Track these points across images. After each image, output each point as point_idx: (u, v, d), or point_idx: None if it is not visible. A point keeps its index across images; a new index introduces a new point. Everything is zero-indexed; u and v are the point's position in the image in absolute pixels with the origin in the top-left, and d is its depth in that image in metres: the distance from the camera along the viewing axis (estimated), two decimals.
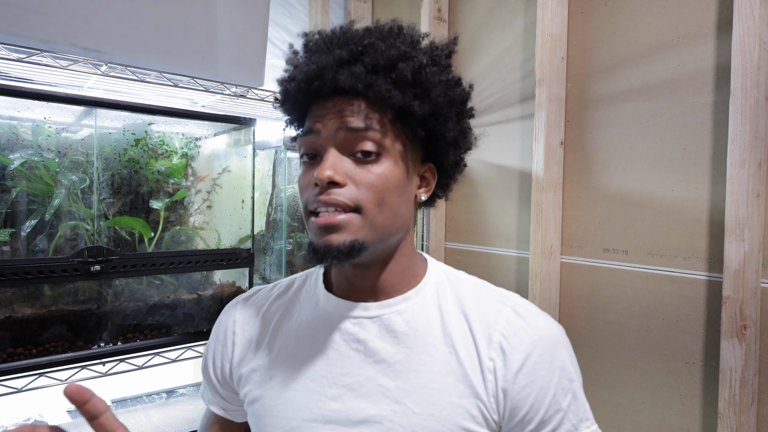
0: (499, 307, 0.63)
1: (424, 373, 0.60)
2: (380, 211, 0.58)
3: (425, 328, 0.63)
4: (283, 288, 0.73)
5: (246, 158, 1.25)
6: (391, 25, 0.63)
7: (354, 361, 0.62)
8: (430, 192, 0.67)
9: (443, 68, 0.63)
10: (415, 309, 0.64)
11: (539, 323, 0.62)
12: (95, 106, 1.01)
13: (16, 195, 0.96)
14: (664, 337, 1.16)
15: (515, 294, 0.67)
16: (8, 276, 0.90)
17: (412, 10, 1.75)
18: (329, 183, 0.57)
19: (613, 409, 1.25)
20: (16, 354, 0.93)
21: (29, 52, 0.94)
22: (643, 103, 1.20)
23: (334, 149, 0.59)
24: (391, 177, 0.59)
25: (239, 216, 1.25)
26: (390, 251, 0.64)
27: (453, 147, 0.65)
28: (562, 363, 0.60)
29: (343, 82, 0.58)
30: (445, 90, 0.62)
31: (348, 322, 0.64)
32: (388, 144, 0.59)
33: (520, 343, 0.60)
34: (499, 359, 0.60)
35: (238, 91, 1.22)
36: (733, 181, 1.01)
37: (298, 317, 0.68)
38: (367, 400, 0.60)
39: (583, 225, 1.32)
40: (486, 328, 0.61)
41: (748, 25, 0.98)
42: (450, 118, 0.63)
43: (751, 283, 1.00)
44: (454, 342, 0.61)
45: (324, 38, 0.63)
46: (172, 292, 1.15)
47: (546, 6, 1.31)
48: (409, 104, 0.59)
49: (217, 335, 0.73)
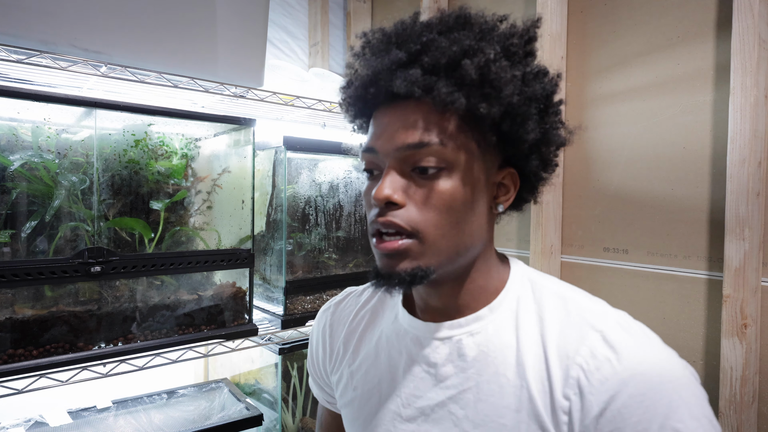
0: (585, 332, 0.52)
1: (493, 405, 0.55)
2: (443, 234, 0.54)
3: (497, 353, 0.56)
4: (370, 293, 0.73)
5: (246, 159, 1.24)
6: (457, 14, 0.56)
7: (426, 383, 0.59)
8: (509, 201, 0.60)
9: (520, 59, 0.55)
10: (488, 330, 0.57)
11: (633, 354, 0.49)
12: (95, 107, 1.01)
13: (16, 196, 0.96)
14: (665, 336, 1.15)
15: (619, 312, 0.55)
16: (8, 277, 0.90)
17: (412, 9, 1.75)
18: (387, 204, 0.54)
19: None
20: (17, 355, 0.93)
21: (29, 53, 0.94)
22: (642, 102, 1.20)
23: (393, 166, 0.54)
24: (456, 193, 0.54)
25: (239, 216, 1.25)
26: (463, 269, 0.58)
27: (537, 148, 0.57)
28: (668, 411, 0.46)
29: (398, 87, 0.52)
30: (521, 86, 0.54)
31: (420, 342, 0.61)
32: (452, 156, 0.53)
33: (604, 382, 0.49)
34: (576, 399, 0.50)
35: (238, 92, 1.22)
36: (733, 179, 1.01)
37: (380, 328, 0.67)
38: (438, 427, 0.57)
39: (583, 224, 1.32)
40: (564, 358, 0.52)
41: (748, 23, 0.98)
42: (529, 117, 0.54)
43: (751, 282, 1.00)
44: (527, 373, 0.54)
45: (383, 36, 0.57)
46: (173, 293, 1.15)
47: (545, 5, 1.31)
48: (476, 107, 0.52)
49: (315, 339, 0.76)
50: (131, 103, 1.05)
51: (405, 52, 0.54)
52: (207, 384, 1.44)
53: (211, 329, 1.19)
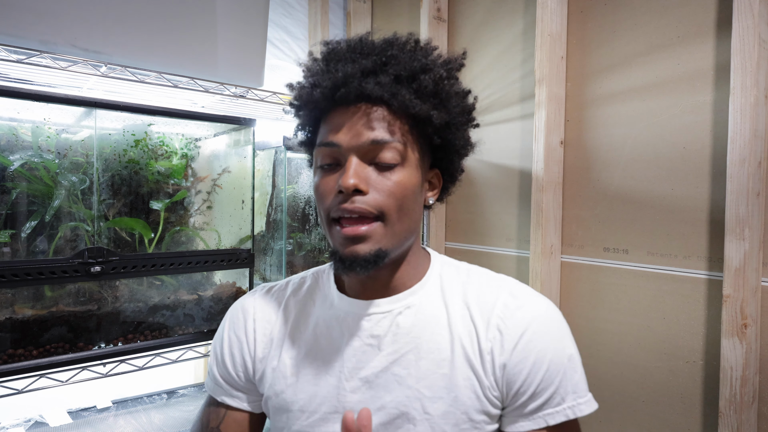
0: (497, 292, 0.68)
1: (432, 360, 0.65)
2: (399, 218, 0.63)
3: (431, 319, 0.67)
4: (295, 286, 0.77)
5: (246, 159, 1.24)
6: (408, 38, 0.67)
7: (369, 355, 0.67)
8: (437, 196, 0.71)
9: (455, 80, 0.68)
10: (422, 301, 0.68)
11: (534, 302, 0.67)
12: (95, 107, 1.01)
13: (16, 196, 0.96)
14: (665, 336, 1.16)
15: (513, 279, 0.72)
16: (8, 277, 0.90)
17: (412, 9, 1.75)
18: (354, 191, 0.60)
19: (613, 408, 1.25)
20: (17, 355, 0.93)
21: (29, 53, 0.94)
22: (642, 102, 1.20)
23: (356, 157, 0.62)
24: (409, 184, 0.63)
25: (239, 216, 1.25)
26: (403, 253, 0.68)
27: (458, 155, 0.70)
28: (555, 340, 0.65)
29: (369, 90, 0.61)
30: (459, 101, 0.67)
31: (362, 320, 0.68)
32: (408, 153, 0.63)
33: (516, 323, 0.65)
34: (497, 339, 0.65)
35: (238, 92, 1.22)
36: (733, 179, 1.01)
37: (314, 316, 0.72)
38: (383, 389, 0.65)
39: (583, 224, 1.32)
40: (485, 313, 0.66)
41: (748, 23, 0.98)
42: (461, 127, 0.68)
43: (751, 282, 1.00)
44: (458, 330, 0.66)
45: (347, 47, 0.66)
46: (173, 293, 1.15)
47: (545, 5, 1.31)
48: (429, 114, 0.62)
49: (235, 332, 0.74)
50: (131, 103, 1.05)
51: (371, 62, 0.62)
52: None
53: (211, 329, 1.19)
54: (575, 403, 0.64)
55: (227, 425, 0.73)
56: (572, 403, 0.64)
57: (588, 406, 0.65)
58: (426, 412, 0.64)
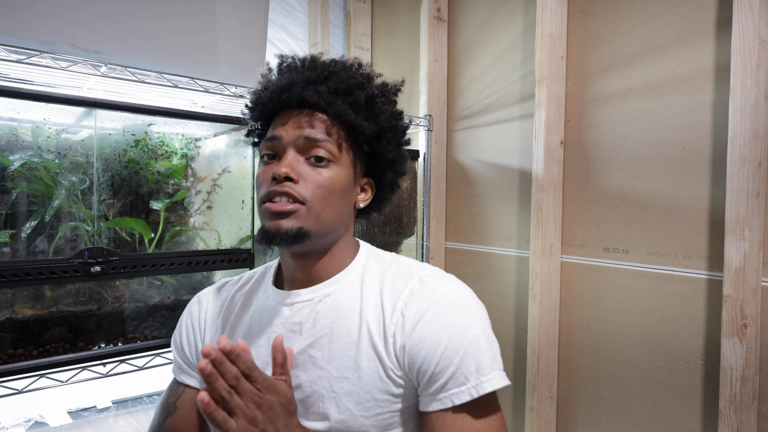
0: (408, 279, 0.72)
1: (342, 344, 0.71)
2: (324, 208, 0.70)
3: (346, 305, 0.73)
4: (245, 280, 0.85)
5: (246, 159, 1.25)
6: (352, 62, 0.77)
7: (292, 340, 0.73)
8: (367, 201, 0.79)
9: (390, 101, 0.77)
10: (340, 290, 0.74)
11: (438, 287, 0.71)
12: (95, 107, 1.01)
13: (16, 196, 0.96)
14: (665, 336, 1.16)
15: (434, 268, 0.76)
16: (8, 277, 0.90)
17: (412, 9, 1.75)
18: (285, 178, 0.68)
19: (613, 408, 1.25)
20: (17, 355, 0.93)
21: (29, 53, 0.94)
22: (642, 102, 1.20)
23: (293, 151, 0.70)
24: (337, 181, 0.71)
25: (239, 216, 1.25)
26: (328, 245, 0.74)
27: (390, 167, 0.78)
28: (455, 322, 0.67)
29: (309, 96, 0.70)
30: (390, 118, 0.75)
31: (287, 308, 0.75)
32: (338, 154, 0.71)
33: (417, 306, 0.69)
34: (399, 322, 0.69)
35: (238, 92, 1.22)
36: (733, 179, 1.01)
37: (253, 306, 0.80)
38: (300, 369, 0.72)
39: (583, 224, 1.32)
40: (393, 299, 0.71)
41: (748, 23, 0.98)
42: (391, 142, 0.76)
43: (751, 282, 1.00)
44: (367, 316, 0.71)
45: (296, 61, 0.76)
46: (173, 293, 1.15)
47: (545, 5, 1.31)
48: (360, 124, 0.71)
49: (191, 320, 0.85)
50: (131, 103, 1.05)
51: (315, 74, 0.72)
52: None
53: None
54: (478, 382, 0.65)
55: (182, 401, 0.84)
56: (475, 382, 0.65)
57: (491, 384, 0.65)
58: (333, 391, 0.69)
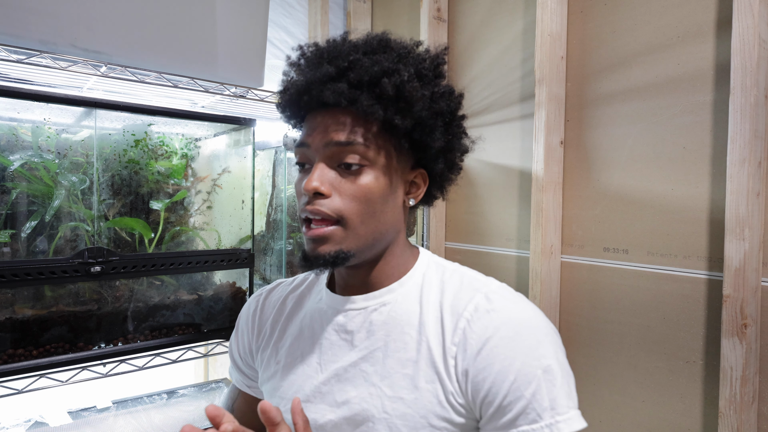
0: (472, 294, 0.65)
1: (398, 360, 0.65)
2: (363, 221, 0.63)
3: (403, 318, 0.67)
4: (299, 281, 0.81)
5: (246, 159, 1.25)
6: (380, 38, 0.66)
7: (343, 349, 0.68)
8: (419, 197, 0.70)
9: (430, 80, 0.66)
10: (397, 300, 0.68)
11: (506, 306, 0.63)
12: (95, 107, 1.01)
13: (16, 196, 0.96)
14: (665, 336, 1.16)
15: (500, 283, 0.68)
16: (8, 277, 0.90)
17: (412, 9, 1.75)
18: (315, 194, 0.62)
19: (613, 408, 1.25)
20: (17, 355, 0.93)
21: (29, 53, 0.94)
22: (642, 102, 1.20)
23: (322, 161, 0.63)
24: (375, 187, 0.63)
25: (239, 216, 1.25)
26: (379, 253, 0.68)
27: (442, 154, 0.68)
28: (527, 349, 0.60)
29: (327, 98, 0.62)
30: (430, 103, 0.64)
31: (339, 315, 0.70)
32: (372, 156, 0.63)
33: (483, 327, 0.62)
34: (461, 343, 0.62)
35: (238, 92, 1.22)
36: (733, 179, 1.01)
37: (305, 309, 0.76)
38: (350, 384, 0.66)
39: (583, 224, 1.32)
40: (455, 315, 0.64)
41: (748, 23, 0.98)
42: (435, 129, 0.65)
43: (751, 282, 1.00)
44: (427, 330, 0.65)
45: (316, 52, 0.67)
46: (173, 293, 1.15)
47: (545, 5, 1.31)
48: (392, 118, 0.62)
49: (245, 322, 0.82)
50: (131, 103, 1.05)
51: (334, 68, 0.63)
52: (207, 384, 1.44)
53: (211, 329, 1.19)
54: (553, 421, 0.58)
55: (239, 405, 0.83)
56: (550, 420, 0.58)
57: (568, 425, 0.58)
58: (385, 411, 0.63)
